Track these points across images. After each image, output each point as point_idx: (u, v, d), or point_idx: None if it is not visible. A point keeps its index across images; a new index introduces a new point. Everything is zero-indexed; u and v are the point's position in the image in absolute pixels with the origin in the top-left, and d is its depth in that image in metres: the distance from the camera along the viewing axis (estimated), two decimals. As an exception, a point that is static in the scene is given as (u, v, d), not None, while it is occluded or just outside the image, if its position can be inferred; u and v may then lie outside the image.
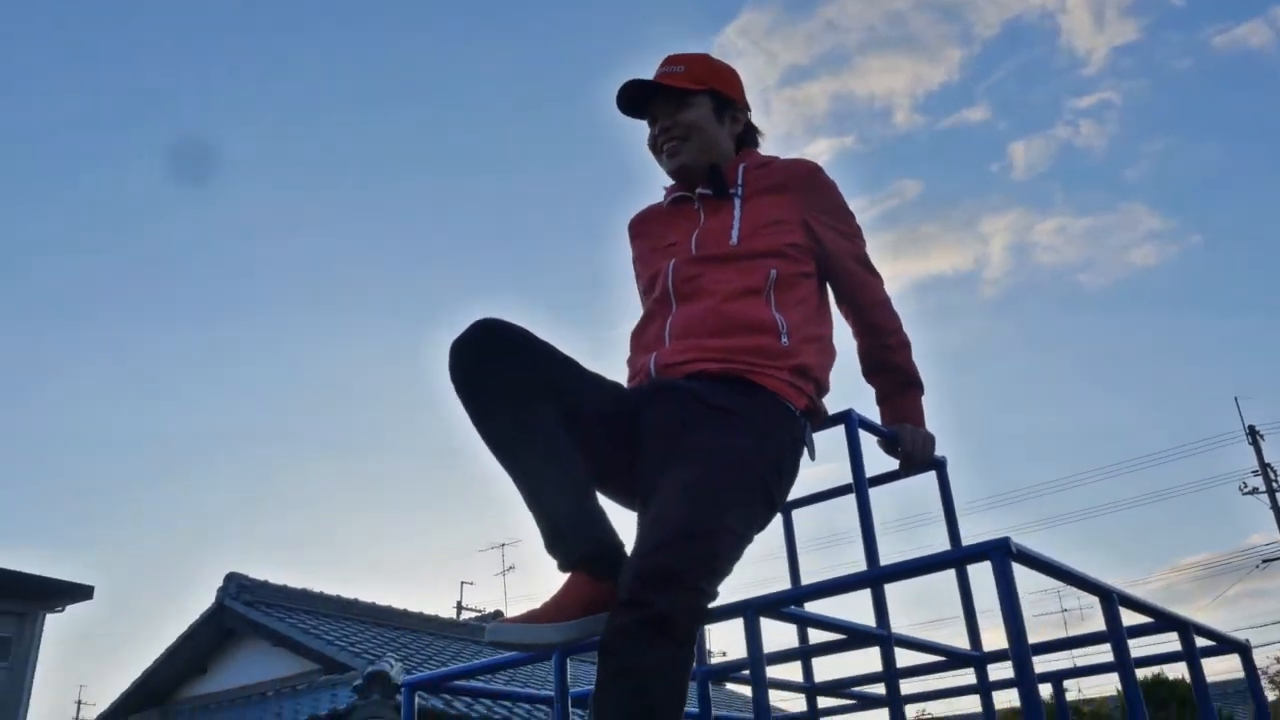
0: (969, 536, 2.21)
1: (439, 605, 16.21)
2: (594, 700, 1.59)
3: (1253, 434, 23.79)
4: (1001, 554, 1.44)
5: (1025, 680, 1.41)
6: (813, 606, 1.78)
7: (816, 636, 2.11)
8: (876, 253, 2.19)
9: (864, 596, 1.92)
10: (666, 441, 1.82)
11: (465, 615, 20.03)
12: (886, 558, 1.92)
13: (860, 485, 2.06)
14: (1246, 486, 23.73)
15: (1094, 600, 1.72)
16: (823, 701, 2.51)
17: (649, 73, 2.14)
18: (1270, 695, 17.79)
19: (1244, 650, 2.25)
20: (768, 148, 2.25)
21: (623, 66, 2.12)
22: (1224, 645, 2.20)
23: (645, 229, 2.24)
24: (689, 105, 2.11)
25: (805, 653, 2.19)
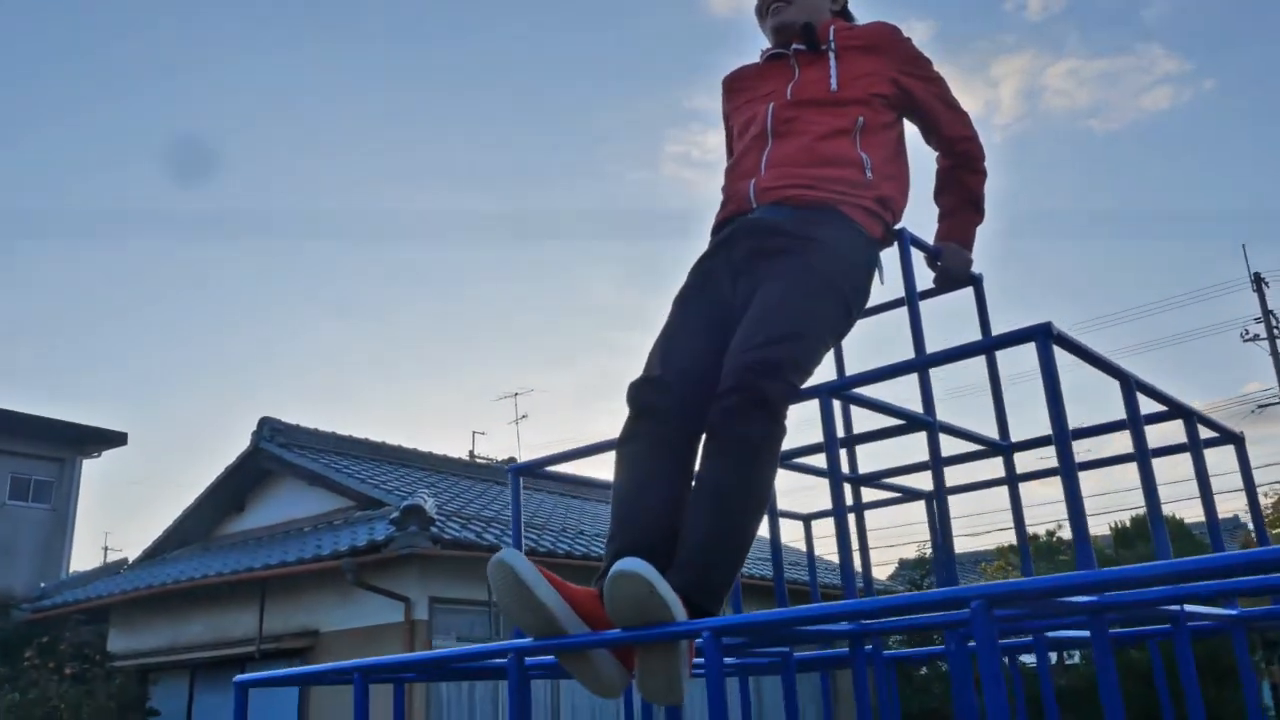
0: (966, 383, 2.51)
1: (455, 450, 16.85)
2: (703, 468, 1.93)
3: (1258, 281, 24.01)
4: (1044, 336, 1.73)
5: (1065, 459, 1.71)
6: (871, 394, 2.10)
7: (869, 425, 2.43)
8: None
9: (912, 392, 2.24)
10: (763, 263, 2.13)
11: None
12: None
13: (911, 295, 2.34)
14: (1248, 334, 24.14)
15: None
16: (867, 494, 2.87)
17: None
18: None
19: (1239, 441, 2.57)
20: None
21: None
22: (1223, 436, 2.52)
23: (741, 84, 2.55)
24: None
25: (862, 438, 2.52)
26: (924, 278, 2.47)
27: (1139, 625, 2.47)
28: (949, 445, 2.35)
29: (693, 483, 1.97)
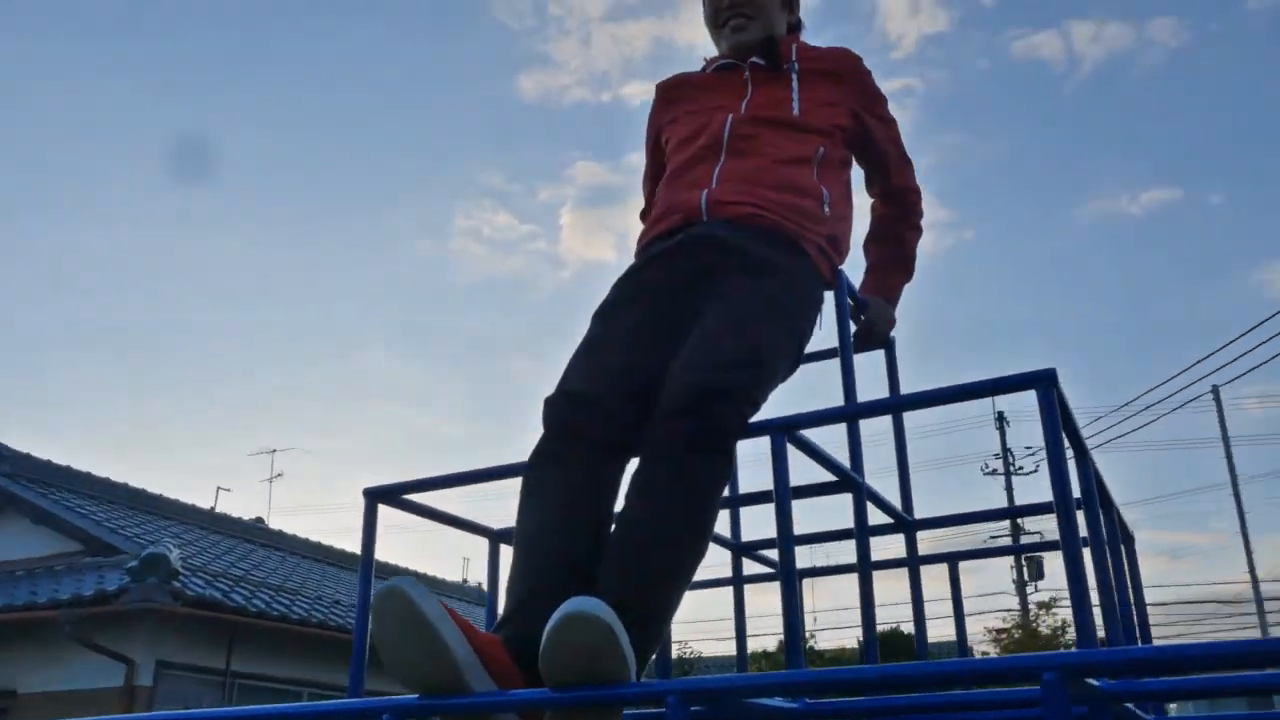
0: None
1: (200, 501, 15.44)
2: (639, 502, 1.62)
3: (1000, 418, 26.05)
4: (1047, 384, 1.55)
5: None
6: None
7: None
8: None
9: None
10: (718, 280, 1.88)
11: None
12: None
13: (846, 343, 2.14)
14: (988, 468, 26.05)
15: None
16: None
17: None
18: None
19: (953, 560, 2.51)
20: None
21: None
22: (943, 556, 2.45)
23: (681, 93, 2.30)
24: None
25: (755, 498, 2.26)
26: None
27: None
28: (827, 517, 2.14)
29: (621, 516, 1.65)
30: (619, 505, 1.70)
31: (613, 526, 1.67)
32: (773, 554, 2.45)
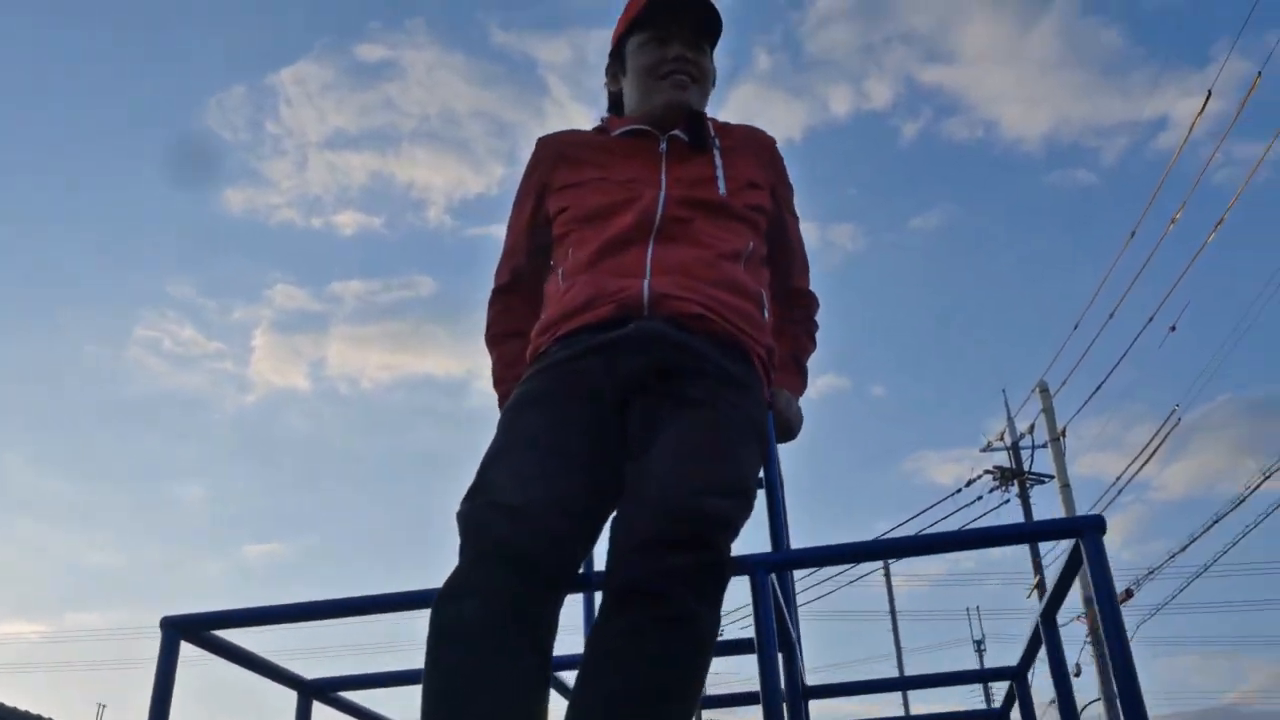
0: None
1: None
2: (621, 661, 1.28)
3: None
4: (1095, 532, 1.37)
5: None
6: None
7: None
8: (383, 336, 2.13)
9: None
10: (675, 387, 1.59)
11: None
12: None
13: (775, 479, 1.89)
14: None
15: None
16: None
17: None
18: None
19: None
20: None
21: None
22: None
23: (581, 154, 1.93)
24: (706, 53, 1.95)
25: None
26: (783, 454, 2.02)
27: None
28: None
29: (593, 684, 1.28)
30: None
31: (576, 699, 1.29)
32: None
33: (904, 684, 4.07)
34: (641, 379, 1.60)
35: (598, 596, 1.50)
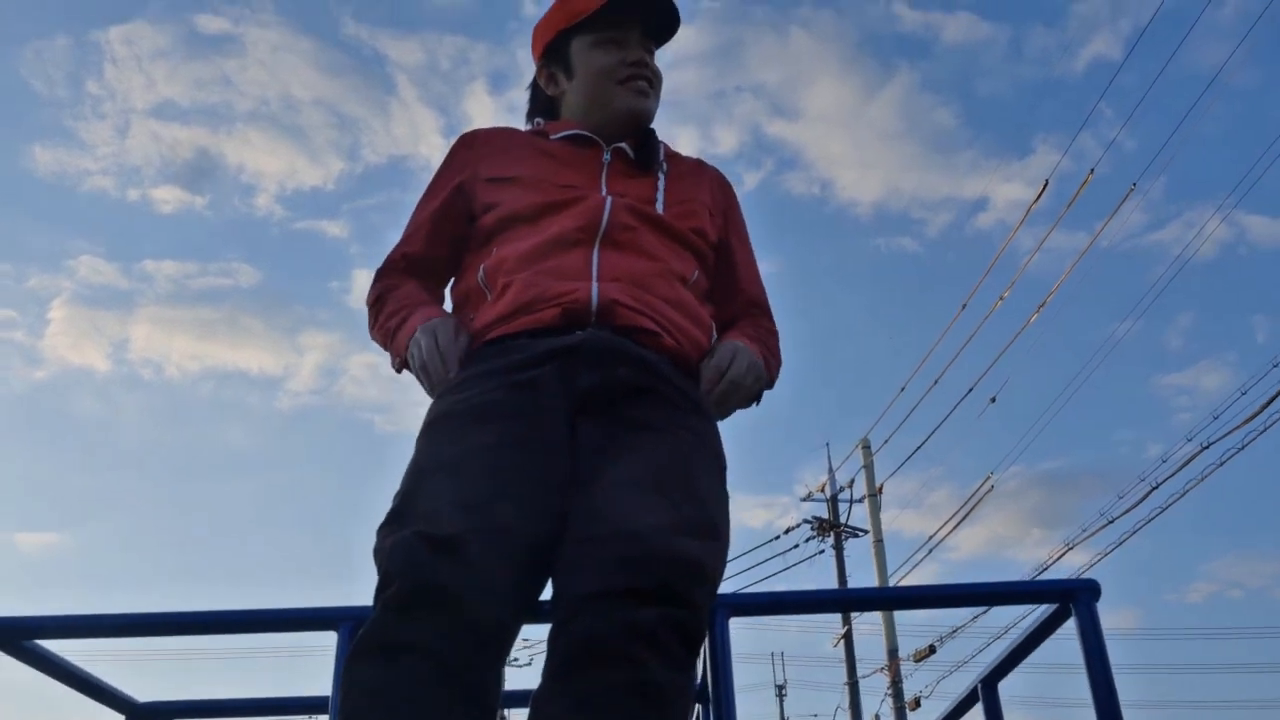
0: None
1: None
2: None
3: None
4: (1088, 595, 1.26)
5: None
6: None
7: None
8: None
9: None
10: (634, 408, 1.40)
11: None
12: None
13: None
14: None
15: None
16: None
17: None
18: None
19: None
20: None
21: None
22: None
23: (512, 150, 1.74)
24: (653, 55, 1.79)
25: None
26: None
27: None
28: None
29: None
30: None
31: None
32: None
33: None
34: (596, 396, 1.40)
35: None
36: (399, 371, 1.57)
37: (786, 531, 19.38)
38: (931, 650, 14.60)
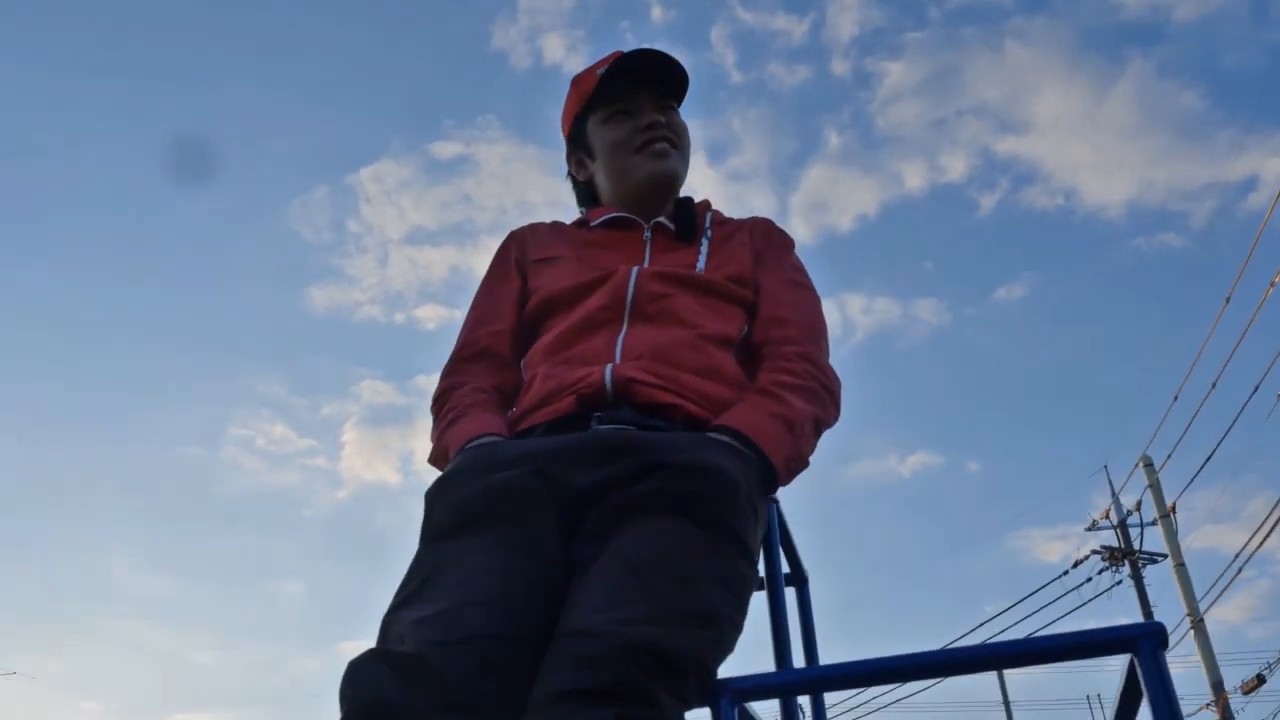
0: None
1: None
2: None
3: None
4: (1152, 643, 1.05)
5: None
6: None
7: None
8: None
9: None
10: (639, 495, 1.27)
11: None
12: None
13: (777, 582, 1.59)
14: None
15: None
16: None
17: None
18: None
19: None
20: None
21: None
22: None
23: (555, 247, 1.71)
24: (676, 111, 1.74)
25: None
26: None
27: None
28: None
29: None
30: None
31: None
32: None
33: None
34: (596, 491, 1.30)
35: None
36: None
37: (1075, 565, 17.98)
38: (1260, 680, 12.96)
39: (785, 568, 1.91)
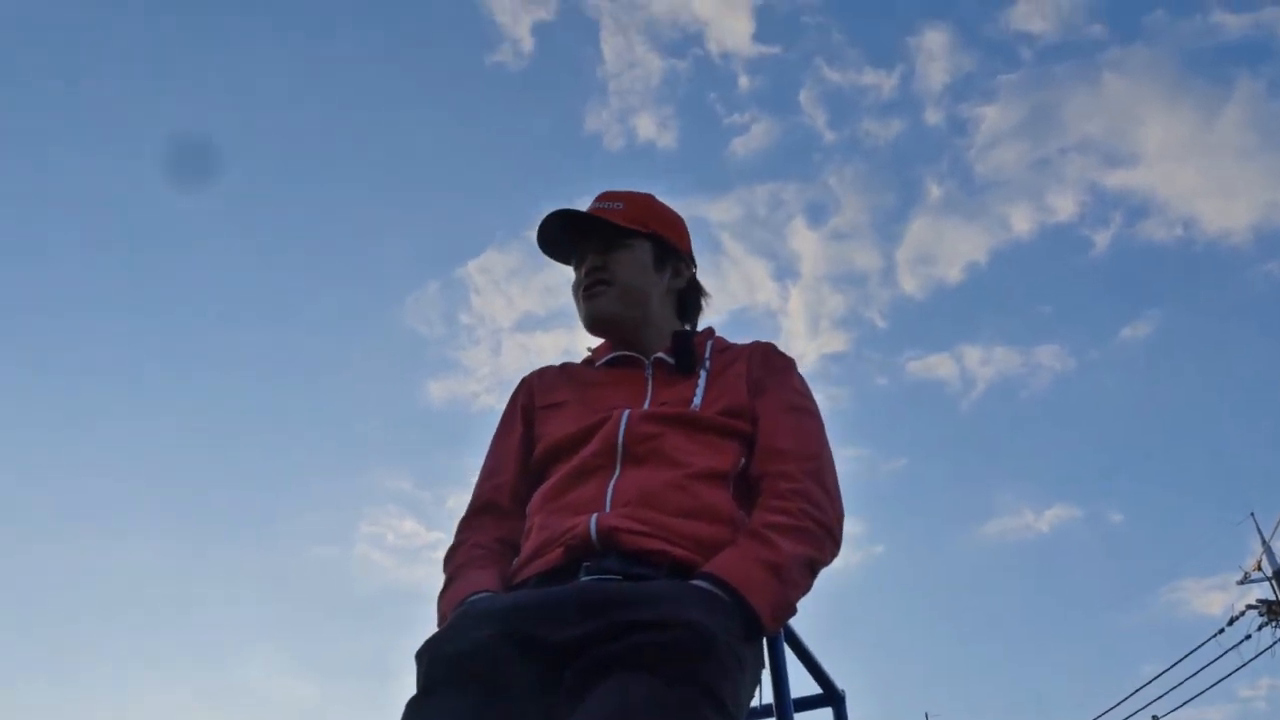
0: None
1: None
2: None
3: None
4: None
5: None
6: None
7: None
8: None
9: None
10: (614, 654, 1.29)
11: None
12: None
13: (785, 708, 1.71)
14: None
15: None
16: None
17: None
18: None
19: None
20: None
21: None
22: None
23: (560, 391, 1.79)
24: (624, 247, 1.78)
25: None
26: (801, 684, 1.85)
27: None
28: None
29: None
30: None
31: None
32: None
33: None
34: (572, 648, 1.32)
35: None
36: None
37: (1230, 623, 16.96)
38: None
39: (816, 688, 2.02)
